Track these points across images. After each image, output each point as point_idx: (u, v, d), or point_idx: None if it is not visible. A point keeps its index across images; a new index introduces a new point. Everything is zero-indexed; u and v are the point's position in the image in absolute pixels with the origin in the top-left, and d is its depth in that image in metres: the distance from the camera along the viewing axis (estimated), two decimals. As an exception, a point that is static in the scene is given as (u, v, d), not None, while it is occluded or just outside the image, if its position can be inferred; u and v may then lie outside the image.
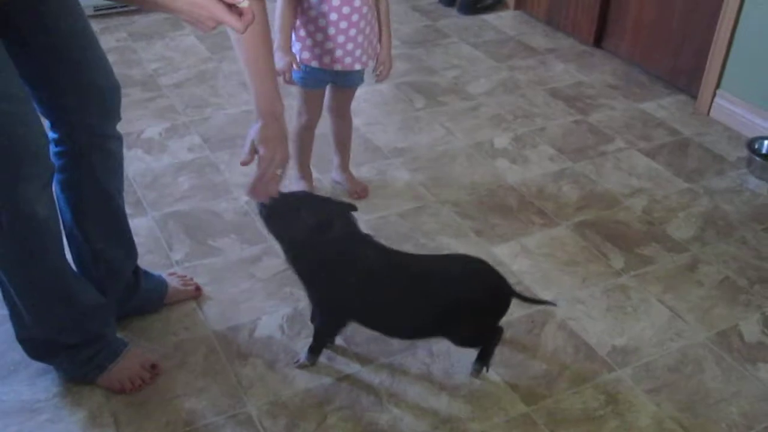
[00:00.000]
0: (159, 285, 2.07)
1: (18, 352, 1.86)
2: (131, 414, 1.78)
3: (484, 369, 1.90)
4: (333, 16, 2.14)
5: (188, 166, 2.70)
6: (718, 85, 3.09)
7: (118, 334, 1.91)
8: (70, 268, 1.77)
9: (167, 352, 1.95)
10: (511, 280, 2.19)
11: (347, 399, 1.84)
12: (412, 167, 2.73)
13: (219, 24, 1.32)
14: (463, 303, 1.80)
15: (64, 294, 1.73)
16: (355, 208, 1.82)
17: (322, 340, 1.91)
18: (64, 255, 1.71)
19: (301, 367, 1.91)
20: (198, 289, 2.13)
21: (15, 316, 1.75)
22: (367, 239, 1.81)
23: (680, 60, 3.31)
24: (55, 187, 1.79)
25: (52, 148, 1.75)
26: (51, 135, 1.75)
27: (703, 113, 3.16)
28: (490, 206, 2.55)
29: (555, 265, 2.29)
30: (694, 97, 3.23)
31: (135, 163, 2.70)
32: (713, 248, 2.39)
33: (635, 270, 2.28)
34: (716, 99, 3.11)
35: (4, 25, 1.51)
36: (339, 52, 2.20)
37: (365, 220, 2.40)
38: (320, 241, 1.73)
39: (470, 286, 1.83)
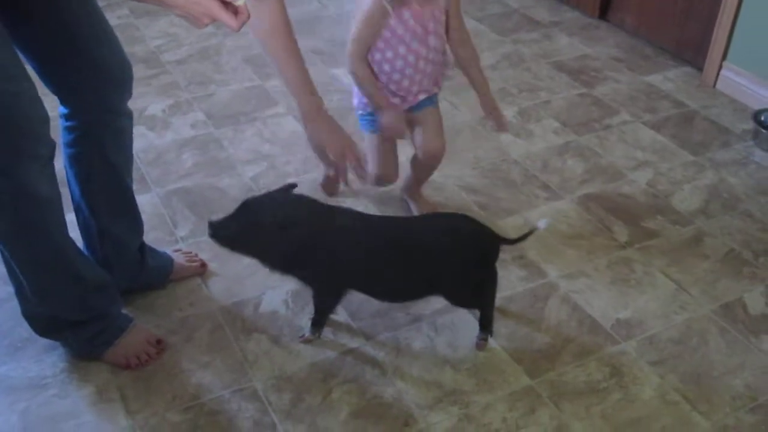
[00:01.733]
0: (165, 261, 2.09)
1: (25, 329, 1.87)
2: (138, 389, 1.80)
3: (489, 338, 1.91)
4: (387, 65, 2.06)
5: (192, 143, 2.70)
6: (724, 57, 3.07)
7: (124, 310, 1.91)
8: (75, 246, 1.77)
9: (173, 328, 1.96)
10: (514, 253, 2.20)
11: (352, 372, 1.85)
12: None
13: (213, 21, 1.32)
14: (449, 257, 1.80)
15: (68, 272, 1.74)
16: (295, 186, 1.78)
17: (326, 315, 1.92)
18: (67, 233, 1.72)
19: (306, 341, 1.92)
20: (203, 265, 2.14)
21: (20, 293, 1.76)
22: (338, 211, 1.80)
23: (686, 32, 3.29)
24: (64, 161, 1.80)
25: (62, 123, 1.77)
26: (61, 110, 1.76)
27: (708, 85, 3.14)
28: (495, 180, 2.54)
29: (559, 239, 2.29)
30: (700, 69, 3.21)
31: (138, 140, 2.68)
32: (718, 221, 2.38)
33: (640, 243, 2.28)
34: (722, 71, 3.09)
35: (14, 1, 1.51)
36: (403, 90, 2.11)
37: (371, 196, 2.40)
38: (291, 236, 1.70)
39: (452, 239, 1.81)
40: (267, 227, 1.70)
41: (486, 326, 1.91)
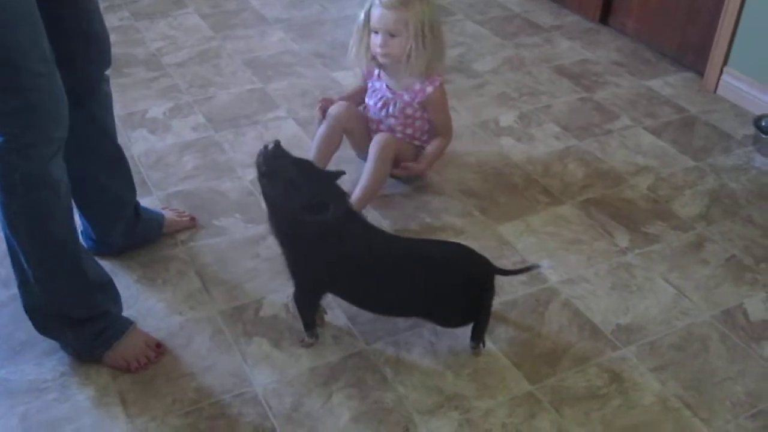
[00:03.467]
0: (157, 215, 2.24)
1: (25, 332, 1.87)
2: (138, 392, 1.79)
3: (482, 345, 1.91)
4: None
5: (192, 146, 2.69)
6: (725, 62, 3.07)
7: (125, 313, 1.91)
8: (79, 242, 1.80)
9: (173, 331, 1.96)
10: (515, 258, 2.20)
11: (353, 377, 1.84)
12: (417, 146, 2.72)
13: None
14: (443, 286, 1.82)
15: (72, 265, 1.76)
16: (343, 172, 1.83)
17: (305, 313, 1.91)
18: (74, 225, 1.76)
19: (307, 345, 1.91)
20: (193, 218, 2.30)
21: (23, 285, 1.77)
22: (356, 218, 1.82)
23: (687, 37, 3.29)
24: None
25: None
26: None
27: (709, 90, 3.14)
28: (495, 185, 2.54)
29: (560, 244, 2.28)
30: (701, 74, 3.21)
31: (139, 143, 2.69)
32: (719, 226, 2.38)
33: (640, 248, 2.28)
34: (723, 76, 3.09)
35: None
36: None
37: (374, 199, 2.39)
38: (312, 220, 1.72)
39: (449, 268, 1.83)
40: (296, 198, 1.71)
41: (478, 336, 1.91)
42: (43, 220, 1.67)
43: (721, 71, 3.09)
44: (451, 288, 1.83)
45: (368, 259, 1.80)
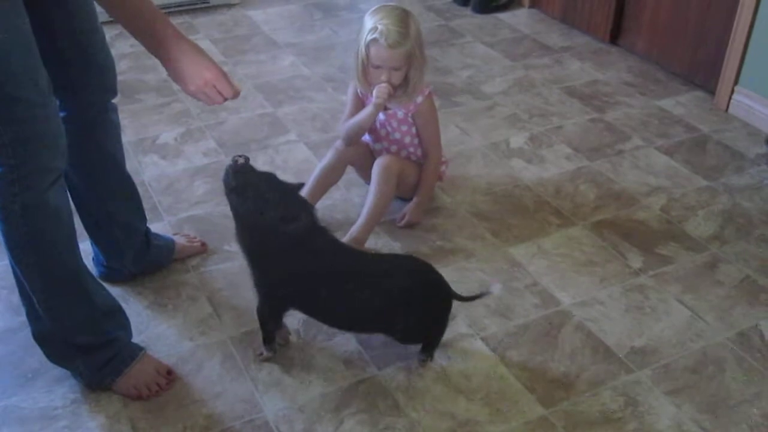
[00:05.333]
0: (168, 242, 2.24)
1: (36, 360, 1.87)
2: (149, 420, 1.79)
3: (429, 359, 1.93)
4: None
5: (203, 171, 2.70)
6: (736, 81, 3.06)
7: (135, 340, 1.91)
8: (85, 267, 1.79)
9: (184, 357, 1.95)
10: (527, 281, 2.19)
11: (364, 403, 1.83)
12: (428, 168, 2.72)
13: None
14: (402, 302, 1.84)
15: (78, 289, 1.76)
16: (303, 184, 1.92)
17: (267, 326, 1.91)
18: (78, 252, 1.75)
19: (266, 359, 1.93)
20: (203, 244, 2.30)
21: (31, 314, 1.77)
22: (322, 231, 1.83)
23: (698, 56, 3.28)
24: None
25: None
26: (60, 113, 1.78)
27: (721, 109, 3.13)
28: (507, 207, 2.53)
29: (572, 266, 2.27)
30: (712, 93, 3.20)
31: (150, 169, 2.70)
32: (733, 247, 2.36)
33: (654, 270, 2.26)
34: (735, 95, 3.08)
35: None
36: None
37: (381, 222, 2.39)
38: (280, 232, 1.73)
39: (410, 286, 1.85)
40: (269, 210, 1.73)
41: (427, 350, 1.93)
42: (46, 248, 1.66)
43: (733, 90, 3.08)
44: (407, 305, 1.85)
45: (331, 272, 1.82)
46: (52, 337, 1.80)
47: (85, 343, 1.80)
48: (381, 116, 2.38)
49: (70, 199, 1.74)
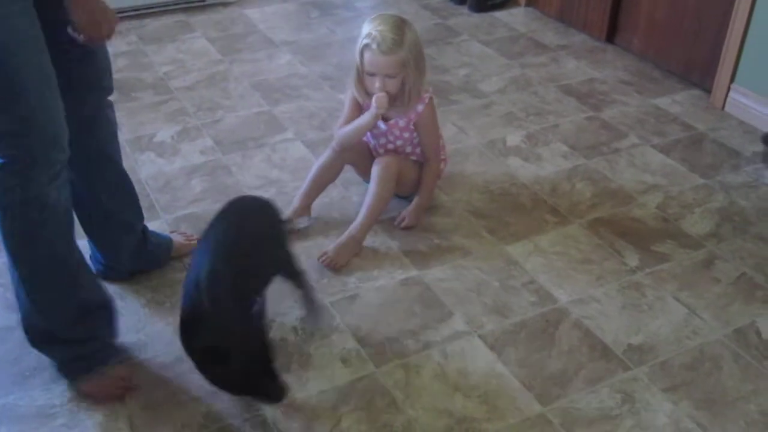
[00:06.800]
0: (165, 240, 2.24)
1: (33, 358, 1.87)
2: (147, 417, 1.79)
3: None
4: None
5: (200, 169, 2.70)
6: (732, 79, 3.07)
7: (134, 338, 1.91)
8: (78, 264, 1.80)
9: (183, 355, 1.94)
10: (524, 278, 2.19)
11: (362, 401, 1.83)
12: (425, 167, 2.72)
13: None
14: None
15: (67, 285, 1.76)
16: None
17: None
18: (74, 246, 1.76)
19: None
20: None
21: (19, 299, 1.78)
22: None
23: (694, 54, 3.29)
24: None
25: None
26: None
27: (717, 108, 3.14)
28: (503, 205, 2.53)
29: (569, 264, 2.27)
30: (708, 91, 3.21)
31: (147, 167, 2.70)
32: (729, 244, 2.37)
33: (650, 267, 2.27)
34: (731, 93, 3.09)
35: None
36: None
37: (379, 220, 2.39)
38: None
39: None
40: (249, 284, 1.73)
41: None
42: (40, 240, 1.67)
43: (729, 88, 3.08)
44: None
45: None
46: (36, 325, 1.80)
47: (61, 335, 1.81)
48: (382, 126, 2.38)
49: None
